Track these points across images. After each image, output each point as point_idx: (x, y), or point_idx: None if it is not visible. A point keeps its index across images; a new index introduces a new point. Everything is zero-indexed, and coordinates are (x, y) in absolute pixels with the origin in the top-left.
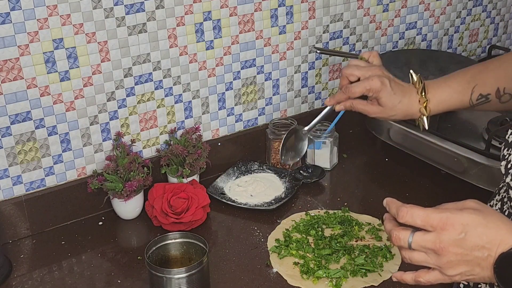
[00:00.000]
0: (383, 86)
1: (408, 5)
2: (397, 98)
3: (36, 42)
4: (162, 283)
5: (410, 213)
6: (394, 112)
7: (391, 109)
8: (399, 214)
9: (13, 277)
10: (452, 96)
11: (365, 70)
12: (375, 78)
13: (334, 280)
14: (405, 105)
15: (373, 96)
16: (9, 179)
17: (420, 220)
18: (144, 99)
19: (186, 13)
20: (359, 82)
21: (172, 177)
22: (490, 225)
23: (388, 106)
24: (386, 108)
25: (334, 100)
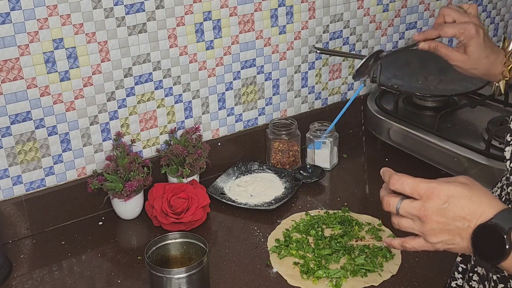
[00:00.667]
0: (477, 35)
1: (408, 5)
2: (485, 51)
3: (36, 42)
4: (162, 283)
5: (400, 181)
6: (476, 65)
7: (475, 62)
8: (390, 181)
9: (13, 277)
10: None
11: (462, 15)
12: (471, 25)
13: (334, 280)
14: (490, 62)
15: (463, 41)
16: (9, 179)
17: (408, 188)
18: (144, 99)
19: (186, 13)
20: (454, 24)
21: (172, 177)
22: (474, 198)
23: (474, 57)
24: (471, 59)
25: (424, 35)
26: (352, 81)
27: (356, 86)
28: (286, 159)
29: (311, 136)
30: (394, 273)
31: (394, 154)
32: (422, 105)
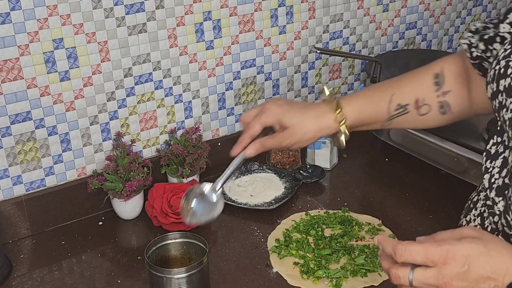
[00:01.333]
0: (280, 107)
1: (408, 5)
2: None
3: (36, 42)
4: (162, 283)
5: (408, 251)
6: (305, 129)
7: (300, 126)
8: (396, 253)
9: (13, 277)
10: (370, 106)
11: (258, 107)
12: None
13: (334, 280)
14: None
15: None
16: (9, 179)
17: (420, 257)
18: (144, 99)
19: (186, 13)
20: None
21: (172, 177)
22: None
23: (295, 123)
24: (294, 128)
25: (240, 146)
26: (352, 81)
27: (356, 86)
28: (286, 159)
29: None
30: None
31: (394, 154)
32: None
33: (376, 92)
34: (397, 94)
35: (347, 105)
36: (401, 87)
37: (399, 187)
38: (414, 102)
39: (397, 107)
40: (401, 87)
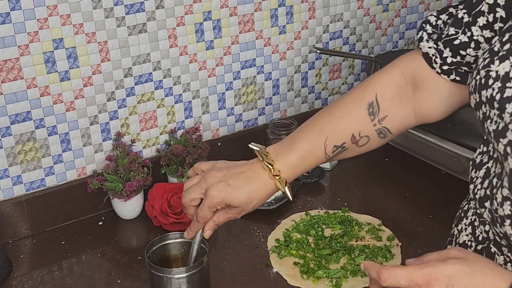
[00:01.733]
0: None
1: (408, 5)
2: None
3: (36, 42)
4: (162, 283)
5: (392, 275)
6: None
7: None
8: (381, 278)
9: (13, 277)
10: (305, 158)
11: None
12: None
13: (334, 280)
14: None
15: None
16: (9, 179)
17: (404, 281)
18: (144, 99)
19: (186, 13)
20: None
21: (172, 177)
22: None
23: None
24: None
25: (194, 231)
26: (352, 81)
27: None
28: None
29: None
30: None
31: (394, 154)
32: None
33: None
34: (330, 137)
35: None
36: (334, 127)
37: (399, 187)
38: (350, 138)
39: (333, 149)
40: (334, 128)
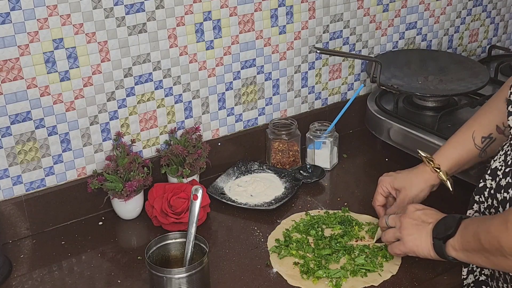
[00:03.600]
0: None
1: (408, 5)
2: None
3: (36, 42)
4: (162, 283)
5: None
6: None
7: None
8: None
9: (13, 277)
10: (457, 149)
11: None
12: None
13: (334, 280)
14: (420, 175)
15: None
16: (9, 179)
17: None
18: (144, 99)
19: (186, 13)
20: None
21: (172, 177)
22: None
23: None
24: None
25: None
26: (352, 81)
27: (356, 86)
28: (286, 159)
29: (311, 136)
30: (394, 273)
31: (394, 154)
32: (422, 105)
33: (459, 137)
34: (477, 130)
35: (439, 156)
36: (479, 122)
37: None
38: (495, 129)
39: (482, 140)
40: (479, 122)
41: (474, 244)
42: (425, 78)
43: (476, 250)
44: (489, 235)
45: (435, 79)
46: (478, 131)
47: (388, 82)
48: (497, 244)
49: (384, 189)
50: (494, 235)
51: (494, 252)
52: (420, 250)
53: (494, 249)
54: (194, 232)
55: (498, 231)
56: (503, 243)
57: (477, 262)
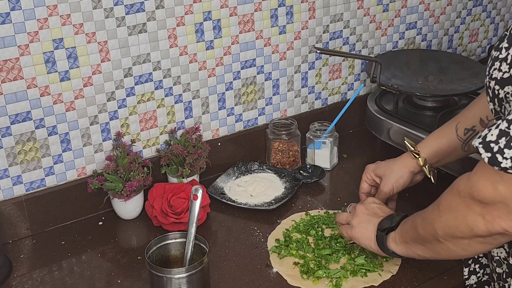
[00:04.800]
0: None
1: (408, 5)
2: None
3: (36, 42)
4: (162, 283)
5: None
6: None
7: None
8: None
9: (13, 277)
10: (439, 139)
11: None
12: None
13: (334, 280)
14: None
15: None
16: (9, 179)
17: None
18: (144, 99)
19: (186, 13)
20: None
21: (172, 177)
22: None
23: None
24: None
25: None
26: (352, 81)
27: (356, 86)
28: (286, 159)
29: (311, 136)
30: (394, 273)
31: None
32: (422, 105)
33: (443, 127)
34: (461, 122)
35: (421, 144)
36: (464, 115)
37: None
38: (479, 122)
39: (464, 131)
40: (464, 115)
41: (412, 234)
42: (425, 78)
43: (414, 239)
44: (424, 221)
45: (435, 79)
46: (462, 123)
47: (388, 82)
48: (431, 228)
49: (368, 176)
50: (428, 220)
51: (429, 238)
52: (362, 239)
53: (429, 235)
54: (194, 232)
55: (431, 216)
56: (436, 226)
57: (416, 252)
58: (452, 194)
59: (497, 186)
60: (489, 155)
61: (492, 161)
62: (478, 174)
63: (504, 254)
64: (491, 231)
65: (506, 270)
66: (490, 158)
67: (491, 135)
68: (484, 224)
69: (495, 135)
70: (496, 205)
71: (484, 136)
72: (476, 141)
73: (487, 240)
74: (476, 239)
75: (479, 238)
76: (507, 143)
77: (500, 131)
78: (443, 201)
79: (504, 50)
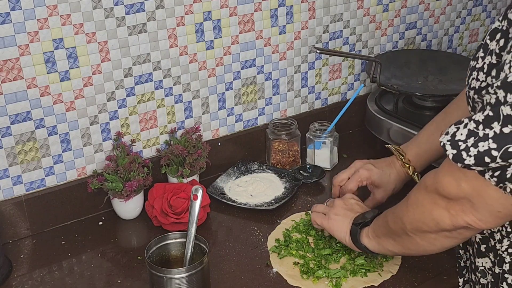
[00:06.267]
0: (370, 171)
1: (408, 5)
2: (386, 172)
3: (36, 42)
4: (162, 283)
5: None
6: (393, 185)
7: (388, 184)
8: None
9: (13, 277)
10: (427, 150)
11: (348, 170)
12: (360, 169)
13: (334, 280)
14: (396, 174)
15: (368, 183)
16: (9, 179)
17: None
18: (144, 99)
19: (186, 13)
20: (350, 179)
21: (172, 177)
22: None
23: (384, 182)
24: (385, 186)
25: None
26: (352, 81)
27: (356, 86)
28: (286, 159)
29: (311, 136)
30: (394, 273)
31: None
32: (422, 105)
33: (428, 135)
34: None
35: (410, 154)
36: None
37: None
38: None
39: None
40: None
41: (384, 229)
42: (425, 78)
43: (385, 234)
44: (394, 216)
45: (435, 79)
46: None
47: (388, 82)
48: (400, 222)
49: (363, 182)
50: (397, 215)
51: (399, 232)
52: (337, 232)
53: (399, 229)
54: (194, 232)
55: (401, 211)
56: (404, 220)
57: (387, 247)
58: (419, 189)
59: (461, 182)
60: (454, 152)
61: (456, 158)
62: (443, 170)
63: (490, 264)
64: (456, 225)
65: (491, 280)
66: (454, 155)
67: (461, 134)
68: (449, 218)
69: (464, 134)
70: (460, 200)
71: (453, 134)
72: (444, 138)
73: (452, 234)
74: (442, 233)
75: (445, 232)
76: (474, 143)
77: (469, 131)
78: (412, 196)
79: (481, 59)
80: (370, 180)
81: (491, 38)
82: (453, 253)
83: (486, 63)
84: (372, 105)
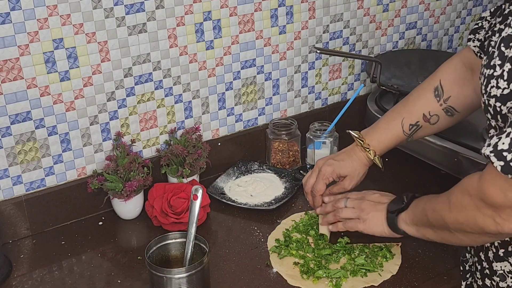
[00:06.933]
0: (332, 165)
1: (408, 5)
2: (348, 161)
3: (36, 42)
4: (162, 283)
5: None
6: (357, 171)
7: (354, 171)
8: None
9: (13, 277)
10: (387, 134)
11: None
12: (323, 167)
13: (334, 280)
14: (358, 161)
15: (335, 177)
16: (9, 179)
17: None
18: (144, 99)
19: (186, 13)
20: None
21: (172, 177)
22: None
23: (349, 172)
24: (351, 174)
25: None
26: (352, 81)
27: (356, 86)
28: (286, 159)
29: (311, 136)
30: (394, 273)
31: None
32: None
33: (388, 122)
34: (406, 117)
35: (370, 139)
36: (408, 110)
37: (399, 187)
38: (422, 117)
39: (409, 127)
40: (408, 110)
41: (422, 219)
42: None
43: (424, 224)
44: (435, 213)
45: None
46: (406, 118)
47: (388, 82)
48: (441, 220)
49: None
50: (438, 213)
51: (440, 227)
52: (376, 227)
53: (439, 225)
54: (194, 232)
55: (442, 210)
56: (446, 220)
57: (426, 235)
58: (462, 193)
59: (507, 193)
60: (502, 164)
61: (506, 169)
62: (488, 180)
63: (509, 267)
64: (501, 232)
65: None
66: (503, 167)
67: (503, 143)
68: (494, 226)
69: (507, 143)
70: (506, 209)
71: (495, 145)
72: (486, 150)
73: (496, 237)
74: (486, 234)
75: (489, 234)
76: None
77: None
78: (454, 198)
79: (498, 67)
80: (335, 173)
81: (506, 45)
82: (454, 253)
83: (506, 70)
84: (372, 105)
